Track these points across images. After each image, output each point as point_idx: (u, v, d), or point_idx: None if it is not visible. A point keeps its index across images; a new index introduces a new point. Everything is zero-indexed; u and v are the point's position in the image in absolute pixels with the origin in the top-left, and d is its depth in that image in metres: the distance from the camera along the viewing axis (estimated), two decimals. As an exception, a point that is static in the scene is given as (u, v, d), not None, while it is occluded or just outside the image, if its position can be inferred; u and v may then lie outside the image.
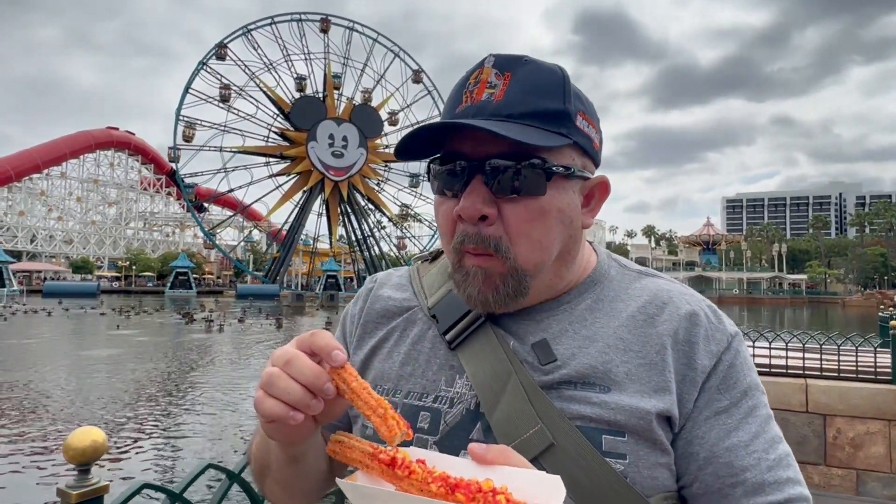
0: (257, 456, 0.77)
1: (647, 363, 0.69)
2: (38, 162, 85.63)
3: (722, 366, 0.69)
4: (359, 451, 0.54)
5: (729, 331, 0.72)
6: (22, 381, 13.70)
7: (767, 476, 0.66)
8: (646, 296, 0.74)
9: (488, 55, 0.71)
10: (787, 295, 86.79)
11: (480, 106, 0.68)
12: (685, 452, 0.67)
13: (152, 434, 9.97)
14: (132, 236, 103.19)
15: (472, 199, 0.67)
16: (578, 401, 0.67)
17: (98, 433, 1.15)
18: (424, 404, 0.73)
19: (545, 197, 0.68)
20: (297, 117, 62.23)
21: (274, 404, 0.56)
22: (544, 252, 0.70)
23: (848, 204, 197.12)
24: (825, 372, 5.30)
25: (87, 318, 32.90)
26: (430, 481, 0.49)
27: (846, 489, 5.04)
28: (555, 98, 0.68)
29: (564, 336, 0.72)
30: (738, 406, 0.68)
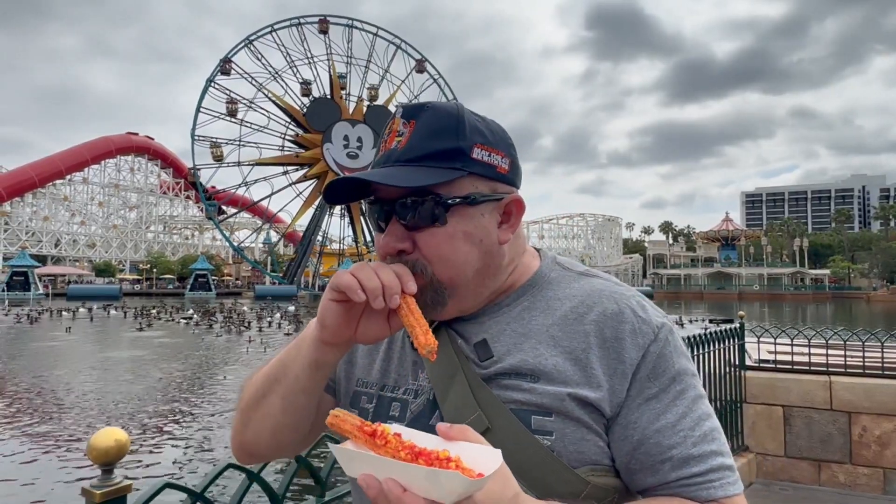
0: (269, 371, 0.86)
1: (572, 359, 0.78)
2: (60, 168, 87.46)
3: (650, 356, 0.78)
4: (350, 424, 0.64)
5: (654, 323, 0.80)
6: (49, 382, 14.02)
7: (693, 450, 0.75)
8: (580, 296, 0.83)
9: (397, 107, 0.82)
10: (809, 291, 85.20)
11: (388, 154, 0.79)
12: (621, 436, 0.76)
13: (174, 434, 10.13)
14: (152, 239, 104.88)
15: (388, 238, 0.80)
16: (512, 388, 0.78)
17: (121, 433, 1.16)
18: (396, 396, 0.86)
19: (449, 225, 0.78)
20: (313, 119, 62.73)
21: (351, 279, 0.70)
22: (458, 268, 0.79)
23: (871, 197, 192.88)
24: (850, 369, 5.19)
25: (110, 319, 33.53)
26: (400, 449, 0.60)
27: (873, 488, 4.93)
28: (448, 137, 0.78)
29: (502, 335, 0.82)
30: (666, 391, 0.77)
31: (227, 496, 1.43)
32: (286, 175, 64.09)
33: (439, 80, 70.49)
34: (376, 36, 68.30)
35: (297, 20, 64.35)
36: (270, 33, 63.04)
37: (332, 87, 65.70)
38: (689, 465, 0.75)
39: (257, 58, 62.37)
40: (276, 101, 63.17)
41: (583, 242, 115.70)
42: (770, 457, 5.19)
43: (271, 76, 63.06)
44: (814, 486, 5.06)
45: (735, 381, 5.17)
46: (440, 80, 70.50)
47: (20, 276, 60.70)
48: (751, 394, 5.30)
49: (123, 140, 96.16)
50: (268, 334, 23.97)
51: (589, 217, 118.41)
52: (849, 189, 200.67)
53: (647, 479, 0.77)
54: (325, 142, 62.22)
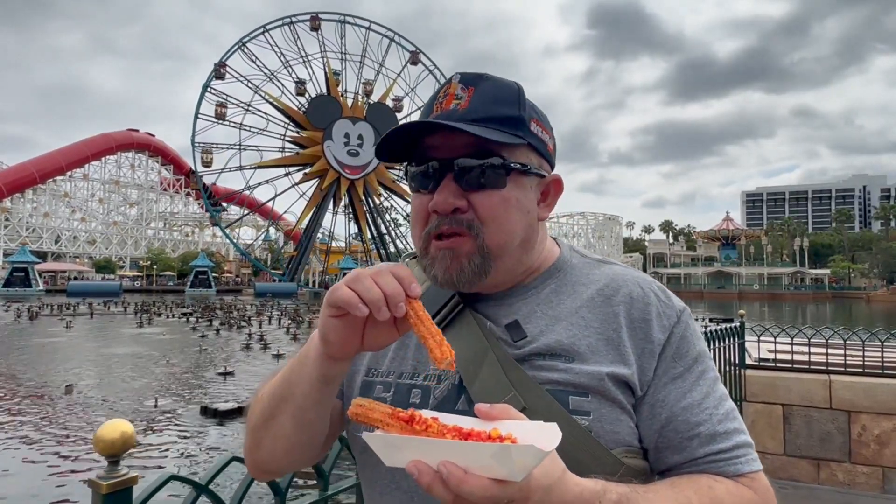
0: (276, 390, 0.81)
1: (605, 338, 0.80)
2: (61, 164, 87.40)
3: (674, 338, 0.81)
4: (379, 412, 0.61)
5: (677, 307, 0.84)
6: (51, 377, 14.04)
7: (718, 427, 0.78)
8: (603, 280, 0.85)
9: (455, 73, 0.82)
10: (809, 290, 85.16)
11: (448, 113, 0.79)
12: (650, 415, 0.78)
13: (177, 428, 10.16)
14: (153, 236, 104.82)
15: (444, 194, 0.78)
16: (547, 369, 0.78)
17: (127, 426, 1.17)
18: (416, 383, 0.84)
19: (506, 189, 0.79)
20: (313, 116, 62.61)
21: (349, 292, 0.65)
22: (508, 235, 0.80)
23: (872, 197, 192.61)
24: (849, 368, 5.20)
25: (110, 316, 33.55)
26: (445, 433, 0.57)
27: (872, 487, 4.94)
28: (511, 106, 0.80)
29: (533, 316, 0.82)
30: (690, 371, 0.80)
31: (231, 489, 1.44)
32: (288, 176, 64.03)
33: (434, 71, 70.13)
34: (369, 30, 67.85)
35: (288, 19, 63.87)
36: (263, 34, 62.59)
37: (329, 84, 65.40)
38: (716, 442, 0.77)
39: (251, 60, 61.97)
40: (274, 102, 62.92)
41: (583, 241, 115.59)
42: (770, 455, 5.20)
43: (267, 77, 62.69)
44: (813, 484, 5.07)
45: (735, 379, 5.17)
46: (435, 70, 70.13)
47: (20, 273, 60.64)
48: (751, 392, 5.31)
49: (124, 137, 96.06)
50: (267, 331, 23.96)
51: (589, 216, 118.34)
52: (849, 189, 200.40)
53: (674, 457, 0.78)
54: (326, 139, 62.15)
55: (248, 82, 61.92)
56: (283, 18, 64.07)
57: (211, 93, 60.85)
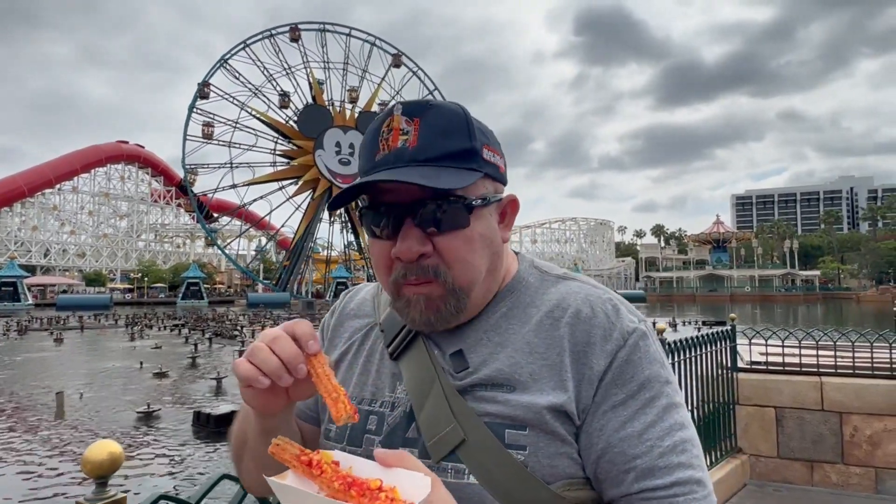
0: (237, 433, 0.86)
1: (548, 364, 0.76)
2: (50, 177, 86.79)
3: (617, 362, 0.75)
4: (290, 453, 0.63)
5: (626, 328, 0.77)
6: (40, 393, 13.86)
7: (658, 462, 0.71)
8: (555, 300, 0.81)
9: (395, 104, 0.78)
10: (800, 291, 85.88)
11: (398, 153, 0.75)
12: (587, 444, 0.74)
13: (168, 445, 10.04)
14: (143, 248, 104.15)
15: (407, 242, 0.75)
16: (487, 400, 0.76)
17: (115, 446, 1.16)
18: (373, 409, 0.84)
19: (469, 228, 0.77)
20: (304, 126, 62.55)
21: (249, 367, 0.67)
22: (476, 272, 0.79)
23: (859, 198, 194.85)
24: (840, 369, 5.24)
25: (100, 329, 33.21)
26: (334, 479, 0.59)
27: (865, 487, 4.97)
28: (461, 137, 0.76)
29: (479, 345, 0.81)
30: (634, 398, 0.74)
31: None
32: (282, 190, 63.84)
33: (418, 72, 70.14)
34: (349, 37, 67.55)
35: (268, 32, 63.39)
36: (244, 49, 62.17)
37: (314, 94, 65.21)
38: (653, 477, 0.71)
39: (235, 77, 61.55)
40: (260, 117, 62.58)
41: (575, 246, 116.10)
42: (763, 458, 5.23)
43: (252, 93, 62.33)
44: (807, 486, 5.10)
45: (727, 383, 5.20)
46: (419, 72, 70.15)
47: (9, 287, 59.93)
48: (743, 395, 5.33)
49: (113, 148, 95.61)
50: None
51: (581, 221, 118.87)
52: (837, 190, 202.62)
53: (611, 491, 0.74)
54: (317, 148, 62.10)
55: (234, 99, 61.53)
56: (262, 32, 63.65)
57: (197, 113, 60.39)
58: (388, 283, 0.80)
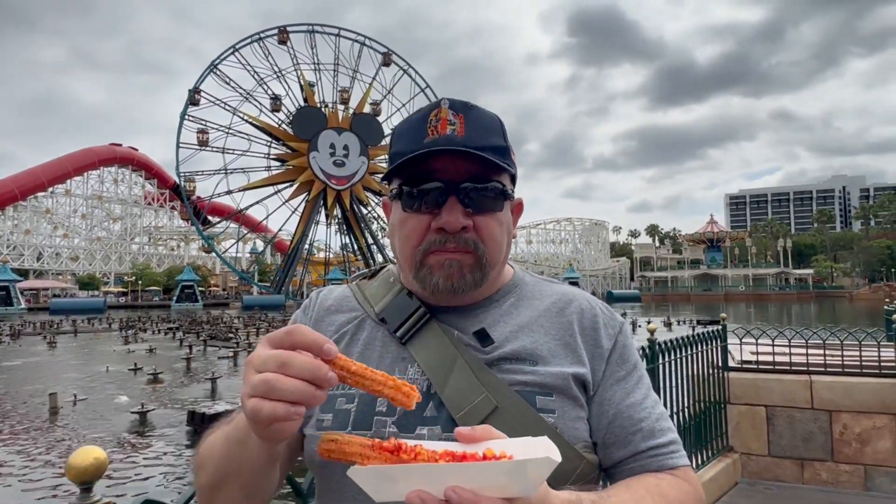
0: (221, 465, 0.76)
1: (563, 343, 0.89)
2: (42, 180, 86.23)
3: (618, 345, 0.91)
4: (357, 445, 0.56)
5: (619, 320, 0.95)
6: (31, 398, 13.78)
7: (656, 425, 0.88)
8: (556, 295, 0.96)
9: (442, 99, 0.87)
10: (793, 290, 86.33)
11: (448, 138, 0.84)
12: (598, 412, 0.87)
13: (157, 449, 10.01)
14: (137, 251, 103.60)
15: (454, 214, 0.84)
16: (515, 372, 0.85)
17: (99, 452, 1.15)
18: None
19: (502, 212, 0.89)
20: (298, 128, 62.37)
21: (276, 406, 0.58)
22: (501, 253, 0.90)
23: (852, 197, 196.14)
24: (829, 367, 5.28)
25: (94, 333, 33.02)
26: (437, 459, 0.52)
27: (854, 485, 5.01)
28: (498, 136, 0.88)
29: (497, 326, 0.90)
30: (631, 375, 0.90)
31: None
32: (278, 194, 63.66)
33: (409, 70, 69.72)
34: (339, 37, 66.98)
35: (256, 36, 62.71)
36: (233, 54, 61.58)
37: (306, 96, 64.78)
38: (655, 437, 0.86)
39: (226, 82, 61.00)
40: (253, 121, 62.19)
41: (570, 247, 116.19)
42: (754, 456, 5.26)
43: (243, 98, 61.82)
44: (797, 484, 5.13)
45: (718, 382, 5.23)
46: (410, 70, 69.72)
47: (1, 291, 59.51)
48: (734, 394, 5.37)
49: (106, 151, 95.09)
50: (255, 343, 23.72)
51: (576, 221, 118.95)
52: (830, 190, 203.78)
53: (619, 452, 0.86)
54: (312, 150, 61.93)
55: (225, 105, 60.96)
56: (251, 36, 62.93)
57: (189, 120, 59.77)
58: (417, 252, 0.87)
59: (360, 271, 1.08)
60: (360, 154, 63.71)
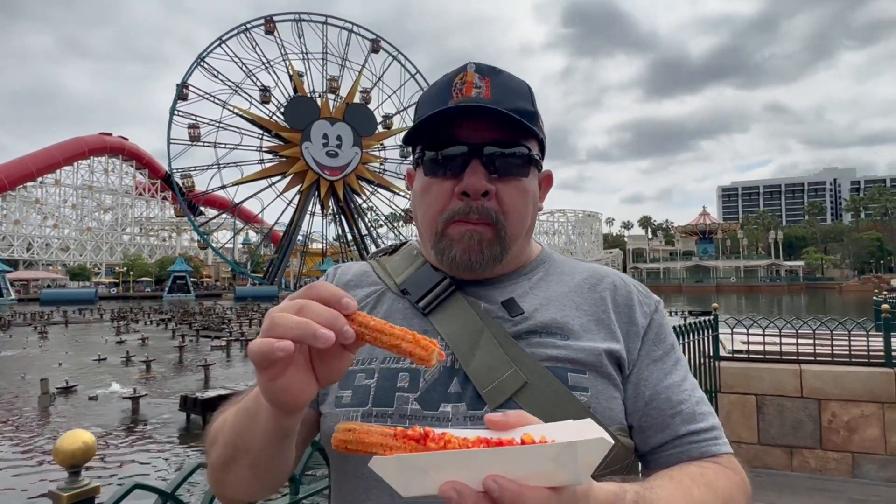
0: (230, 440, 0.73)
1: (595, 319, 0.83)
2: (31, 170, 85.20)
3: (654, 324, 0.86)
4: (378, 435, 0.50)
5: (654, 298, 0.90)
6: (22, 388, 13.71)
7: (696, 409, 0.81)
8: (587, 272, 0.90)
9: (468, 62, 0.83)
10: (784, 282, 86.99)
11: (473, 100, 0.79)
12: (634, 393, 0.81)
13: (148, 437, 10.00)
14: (129, 242, 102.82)
15: (477, 176, 0.78)
16: (545, 346, 0.79)
17: (87, 436, 1.14)
18: (402, 366, 0.80)
19: (527, 179, 0.82)
20: (291, 118, 61.88)
21: (272, 341, 0.54)
22: (523, 225, 0.84)
23: (843, 189, 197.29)
24: (819, 357, 5.34)
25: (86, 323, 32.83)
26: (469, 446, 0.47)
27: (842, 472, 5.08)
28: (526, 101, 0.83)
29: (527, 297, 0.85)
30: (668, 356, 0.85)
31: (197, 495, 1.44)
32: (272, 187, 63.18)
33: (399, 56, 69.01)
34: (326, 25, 66.02)
35: (243, 27, 61.62)
36: (220, 46, 60.55)
37: (296, 87, 64.02)
38: (696, 421, 0.80)
39: (214, 75, 60.02)
40: (243, 114, 61.42)
41: (563, 238, 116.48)
42: (744, 444, 5.31)
43: (232, 90, 60.89)
44: (786, 471, 5.20)
45: (710, 371, 5.27)
46: (399, 56, 69.01)
47: (-9, 282, 59.05)
48: (725, 384, 5.41)
49: (96, 141, 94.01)
50: (248, 333, 23.69)
51: (570, 213, 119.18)
52: (821, 182, 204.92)
53: (657, 436, 0.80)
54: (304, 141, 61.52)
55: (214, 98, 60.03)
56: (237, 27, 61.81)
57: (179, 115, 58.78)
58: (439, 220, 0.82)
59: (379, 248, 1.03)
60: (353, 144, 63.38)
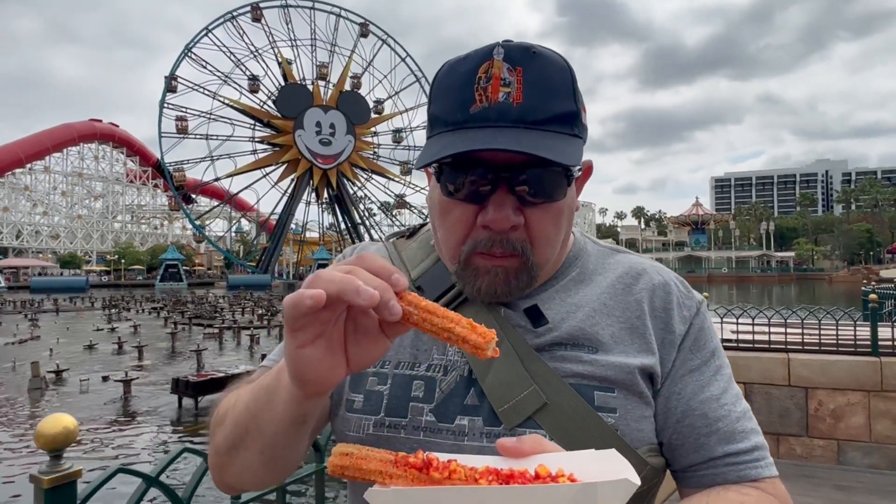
0: (242, 420, 0.67)
1: (628, 327, 0.74)
2: (20, 156, 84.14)
3: (693, 329, 0.76)
4: (377, 461, 0.46)
5: (697, 298, 0.79)
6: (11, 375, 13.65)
7: (737, 426, 0.72)
8: (622, 268, 0.80)
9: (496, 46, 0.67)
10: (775, 272, 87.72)
11: (500, 110, 0.66)
12: (664, 408, 0.73)
13: (135, 423, 10.00)
14: (120, 230, 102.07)
15: (505, 212, 0.67)
16: (570, 360, 0.71)
17: (69, 420, 1.14)
18: (417, 373, 0.74)
19: (564, 199, 0.71)
20: (284, 106, 61.37)
21: (314, 291, 0.48)
22: (554, 250, 0.74)
23: (834, 181, 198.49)
24: (807, 346, 5.40)
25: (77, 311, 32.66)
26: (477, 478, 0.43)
27: (827, 459, 5.16)
28: (567, 98, 0.69)
29: (553, 303, 0.75)
30: (707, 365, 0.75)
31: (182, 479, 1.43)
32: (267, 177, 62.70)
33: (388, 40, 68.35)
34: (313, 10, 65.11)
35: (229, 15, 60.69)
36: (207, 35, 59.55)
37: (285, 74, 63.35)
38: (735, 441, 0.71)
39: (202, 66, 59.16)
40: (234, 105, 60.69)
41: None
42: (732, 432, 5.38)
43: (222, 81, 60.13)
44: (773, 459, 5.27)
45: (699, 360, 5.32)
46: (389, 40, 68.36)
47: (-20, 269, 58.58)
48: (714, 372, 5.47)
49: (86, 127, 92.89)
50: (241, 321, 23.65)
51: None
52: (813, 174, 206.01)
53: (689, 456, 0.72)
54: (297, 128, 61.09)
55: (204, 90, 59.23)
56: (224, 15, 60.74)
57: (169, 108, 58.04)
58: (462, 250, 0.71)
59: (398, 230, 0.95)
60: (346, 133, 63.01)
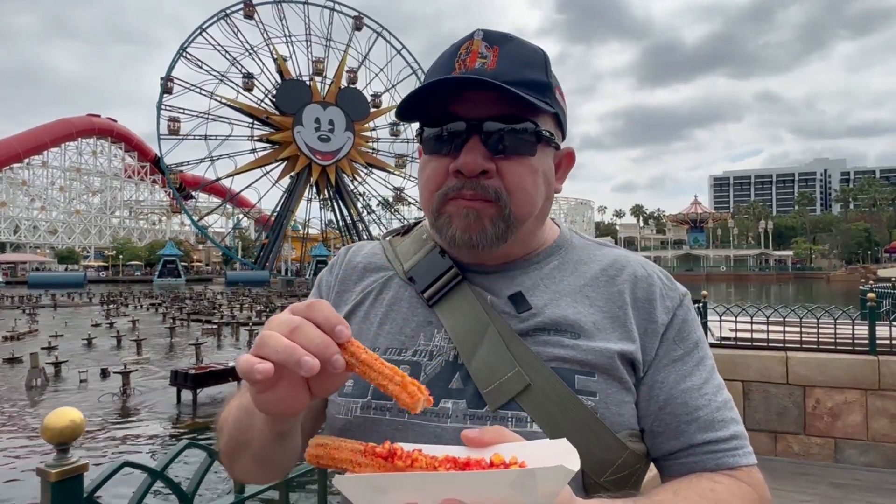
0: (233, 433, 0.74)
1: (610, 316, 0.76)
2: (17, 151, 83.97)
3: (677, 320, 0.78)
4: (348, 451, 0.51)
5: (680, 290, 0.82)
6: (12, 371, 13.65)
7: (716, 415, 0.74)
8: (607, 260, 0.83)
9: (476, 30, 0.75)
10: (773, 271, 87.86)
11: (475, 71, 0.72)
12: (647, 396, 0.75)
13: (140, 417, 10.01)
14: (118, 225, 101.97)
15: (473, 155, 0.72)
16: (553, 345, 0.74)
17: (76, 413, 1.15)
18: (404, 358, 0.77)
19: (534, 157, 0.75)
20: (283, 102, 61.23)
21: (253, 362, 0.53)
22: (533, 205, 0.77)
23: (833, 180, 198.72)
24: (805, 344, 5.41)
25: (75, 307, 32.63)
26: (436, 465, 0.47)
27: (825, 457, 5.18)
28: (539, 71, 0.75)
29: (537, 290, 0.78)
30: (690, 355, 0.77)
31: (180, 473, 1.44)
32: (267, 175, 62.64)
33: (383, 32, 68.38)
34: (307, 5, 65.02)
35: (222, 13, 60.72)
36: (201, 35, 59.51)
37: (281, 71, 63.20)
38: (714, 429, 0.74)
39: (198, 65, 59.09)
40: (231, 104, 60.62)
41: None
42: (730, 430, 5.40)
43: (218, 80, 60.09)
44: (770, 456, 5.29)
45: (697, 358, 5.33)
46: (384, 32, 68.36)
47: (-22, 264, 58.47)
48: (712, 370, 5.48)
49: (84, 122, 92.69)
50: (239, 317, 23.65)
51: (562, 201, 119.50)
52: (811, 173, 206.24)
53: (669, 443, 0.74)
54: (296, 124, 60.97)
55: (201, 90, 59.18)
56: (217, 14, 60.65)
57: (167, 110, 58.08)
58: (435, 198, 0.76)
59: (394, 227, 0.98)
60: (345, 129, 62.92)
